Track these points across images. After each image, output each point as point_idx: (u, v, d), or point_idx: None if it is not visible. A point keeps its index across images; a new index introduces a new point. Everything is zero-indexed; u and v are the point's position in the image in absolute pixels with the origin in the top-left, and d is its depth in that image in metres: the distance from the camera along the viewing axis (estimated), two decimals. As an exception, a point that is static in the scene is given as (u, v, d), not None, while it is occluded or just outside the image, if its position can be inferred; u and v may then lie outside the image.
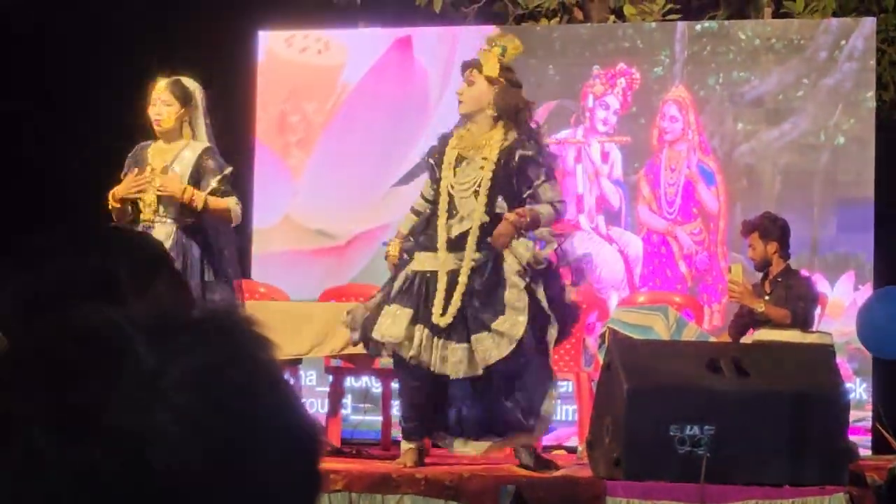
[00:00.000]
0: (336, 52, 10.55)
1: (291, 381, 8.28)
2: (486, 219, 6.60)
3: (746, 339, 7.70)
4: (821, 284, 8.79)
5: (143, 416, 0.88)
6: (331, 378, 8.29)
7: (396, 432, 8.18)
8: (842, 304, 9.19)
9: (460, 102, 6.78)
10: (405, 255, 6.82)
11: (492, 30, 9.75)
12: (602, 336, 7.67)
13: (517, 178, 6.67)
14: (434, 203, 6.80)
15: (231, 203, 6.75)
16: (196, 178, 6.67)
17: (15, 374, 0.91)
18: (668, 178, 9.89)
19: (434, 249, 6.65)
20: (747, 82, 9.91)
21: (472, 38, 10.12)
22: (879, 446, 8.11)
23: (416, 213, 7.00)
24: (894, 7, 10.64)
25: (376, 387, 9.02)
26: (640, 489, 5.82)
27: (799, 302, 7.66)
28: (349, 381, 9.15)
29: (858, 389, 9.01)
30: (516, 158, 6.65)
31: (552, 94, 10.10)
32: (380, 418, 8.38)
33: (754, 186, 9.87)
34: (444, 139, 6.89)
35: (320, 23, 10.74)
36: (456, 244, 6.60)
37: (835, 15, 10.22)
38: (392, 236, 7.22)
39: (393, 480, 6.12)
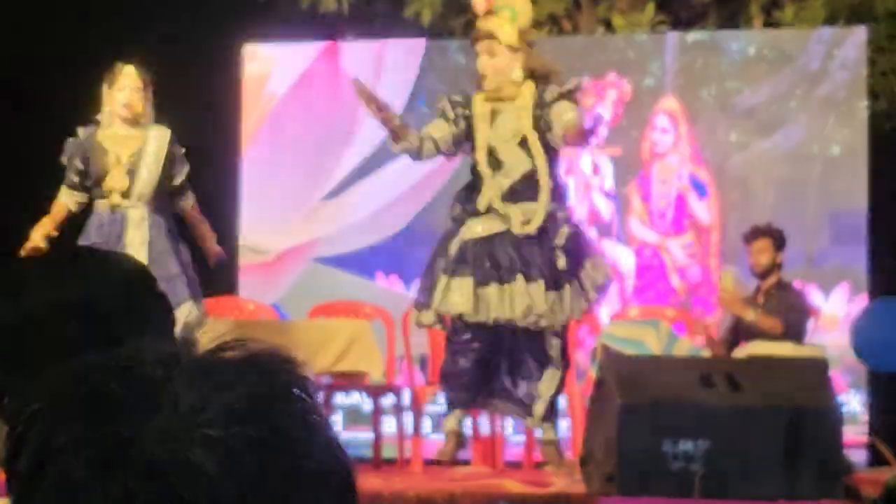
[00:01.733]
0: (262, 62, 10.58)
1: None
2: (534, 167, 6.64)
3: (740, 352, 7.73)
4: (815, 296, 8.82)
5: (179, 450, 0.89)
6: (321, 395, 8.28)
7: (390, 449, 8.20)
8: (836, 316, 9.21)
9: (484, 77, 6.69)
10: (452, 223, 6.85)
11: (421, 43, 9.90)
12: (594, 351, 7.68)
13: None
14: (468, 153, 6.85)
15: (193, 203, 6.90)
16: (169, 167, 6.75)
17: (53, 406, 0.93)
18: (659, 191, 9.91)
19: (484, 213, 6.69)
20: (739, 93, 9.94)
21: (399, 48, 10.22)
22: (875, 459, 8.12)
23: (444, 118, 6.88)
24: (885, 16, 10.67)
25: (367, 403, 9.02)
26: (633, 505, 5.84)
27: (791, 313, 7.71)
28: (339, 398, 9.16)
29: (853, 402, 9.03)
30: (546, 96, 6.68)
31: (543, 105, 10.12)
32: (370, 435, 8.37)
33: (747, 198, 9.90)
34: (467, 97, 6.83)
35: (307, 35, 10.76)
36: (509, 196, 6.63)
37: (825, 24, 10.26)
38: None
39: (385, 499, 6.12)
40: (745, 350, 7.75)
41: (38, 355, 1.68)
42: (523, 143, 6.68)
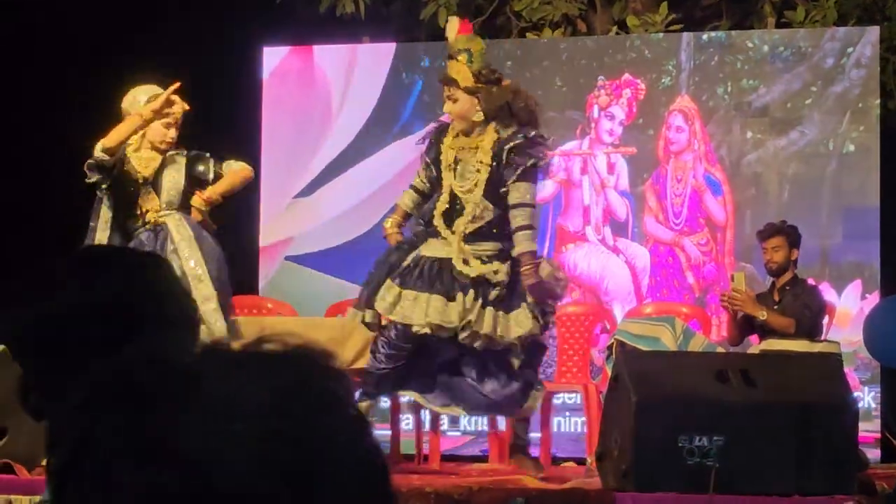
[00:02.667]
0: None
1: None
2: (490, 216, 6.76)
3: (754, 349, 7.74)
4: (828, 293, 8.82)
5: (212, 442, 0.91)
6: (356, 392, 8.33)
7: (409, 446, 8.23)
8: (849, 313, 9.21)
9: (452, 120, 6.85)
10: (413, 237, 7.02)
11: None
12: (609, 348, 7.69)
13: (505, 171, 6.80)
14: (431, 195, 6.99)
15: (234, 165, 7.04)
16: (192, 182, 6.94)
17: (92, 399, 0.95)
18: (674, 189, 9.91)
19: (444, 238, 6.83)
20: (755, 91, 9.94)
21: (372, 49, 10.25)
22: (888, 455, 8.13)
23: (416, 191, 7.14)
24: (896, 15, 10.67)
25: (384, 400, 9.04)
26: (649, 500, 5.84)
27: (805, 310, 7.71)
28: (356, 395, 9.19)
29: (867, 398, 9.04)
30: (505, 153, 6.76)
31: (559, 106, 10.14)
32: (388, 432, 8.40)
33: (762, 196, 9.90)
34: (441, 132, 6.99)
35: (326, 38, 10.79)
36: (468, 238, 6.77)
37: (836, 24, 10.26)
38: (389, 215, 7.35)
39: (402, 495, 6.14)
40: (760, 347, 7.76)
41: (69, 354, 1.71)
42: (481, 190, 6.80)
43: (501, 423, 8.41)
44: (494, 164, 6.75)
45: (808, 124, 9.86)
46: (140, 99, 6.87)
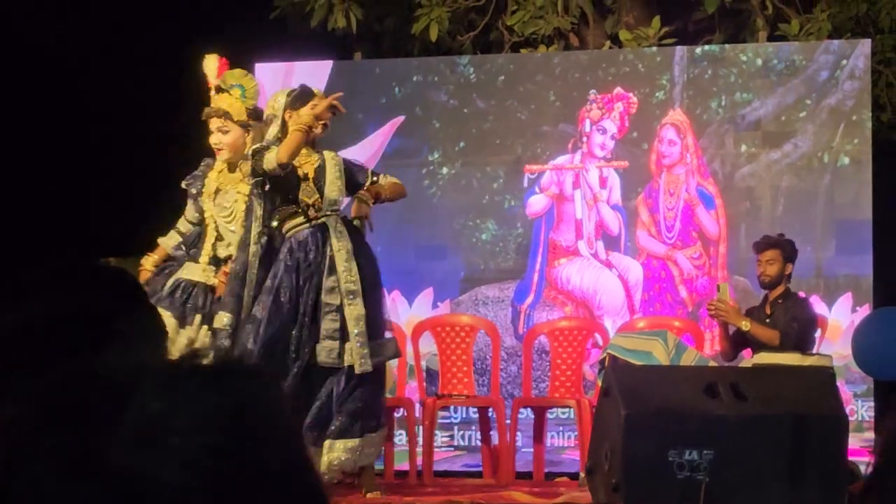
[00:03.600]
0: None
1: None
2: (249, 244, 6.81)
3: (746, 363, 7.75)
4: (819, 307, 8.82)
5: (146, 458, 0.90)
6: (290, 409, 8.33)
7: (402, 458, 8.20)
8: (840, 326, 9.21)
9: (219, 150, 6.87)
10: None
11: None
12: (601, 362, 7.69)
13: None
14: (199, 224, 7.11)
15: (391, 178, 7.28)
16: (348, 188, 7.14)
17: (20, 416, 0.94)
18: (667, 203, 9.91)
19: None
20: (748, 104, 9.95)
21: (309, 69, 10.24)
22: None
23: (179, 233, 7.24)
24: (890, 28, 10.70)
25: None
26: (639, 515, 5.85)
27: (793, 323, 7.72)
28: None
29: (860, 411, 9.04)
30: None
31: (552, 120, 10.16)
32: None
33: (755, 209, 9.90)
34: (207, 167, 7.06)
35: (319, 54, 10.81)
36: (218, 264, 6.92)
37: (830, 37, 10.28)
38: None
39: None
40: (753, 360, 7.77)
41: (34, 362, 1.71)
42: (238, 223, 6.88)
43: (495, 437, 8.43)
44: (254, 191, 6.85)
45: (801, 137, 9.86)
46: (281, 100, 6.84)
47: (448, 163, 10.16)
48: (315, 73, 10.48)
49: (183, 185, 7.03)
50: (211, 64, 6.84)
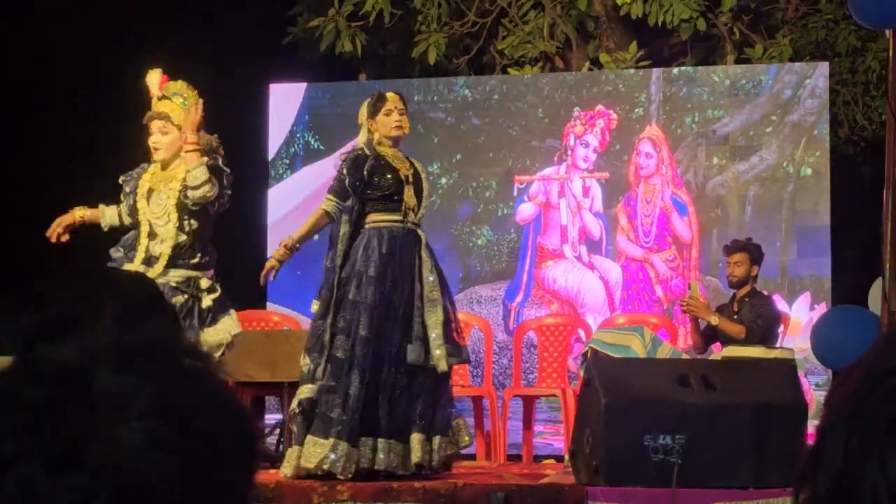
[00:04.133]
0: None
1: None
2: (181, 240, 6.56)
3: (716, 356, 7.73)
4: (781, 305, 8.82)
5: (118, 441, 0.89)
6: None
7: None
8: (800, 322, 9.22)
9: (156, 150, 6.61)
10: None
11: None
12: (584, 355, 7.68)
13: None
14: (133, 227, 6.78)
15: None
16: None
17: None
18: (644, 210, 9.92)
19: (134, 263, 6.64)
20: (719, 120, 9.96)
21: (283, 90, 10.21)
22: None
23: (119, 221, 6.83)
24: (846, 52, 10.70)
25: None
26: (618, 494, 5.83)
27: (757, 319, 7.72)
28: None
29: (818, 399, 9.03)
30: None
31: (540, 135, 10.17)
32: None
33: (725, 216, 9.91)
34: (143, 170, 6.79)
35: (327, 76, 10.82)
36: (151, 262, 6.57)
37: (791, 61, 10.29)
38: None
39: (394, 490, 6.13)
40: (721, 354, 7.76)
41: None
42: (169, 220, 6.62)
43: (488, 423, 8.41)
44: (185, 191, 6.61)
45: (767, 150, 9.87)
46: (363, 110, 6.75)
47: (446, 174, 10.17)
48: (290, 94, 10.52)
49: (119, 180, 6.79)
50: (154, 77, 6.82)
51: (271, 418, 9.44)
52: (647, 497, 5.77)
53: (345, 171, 6.67)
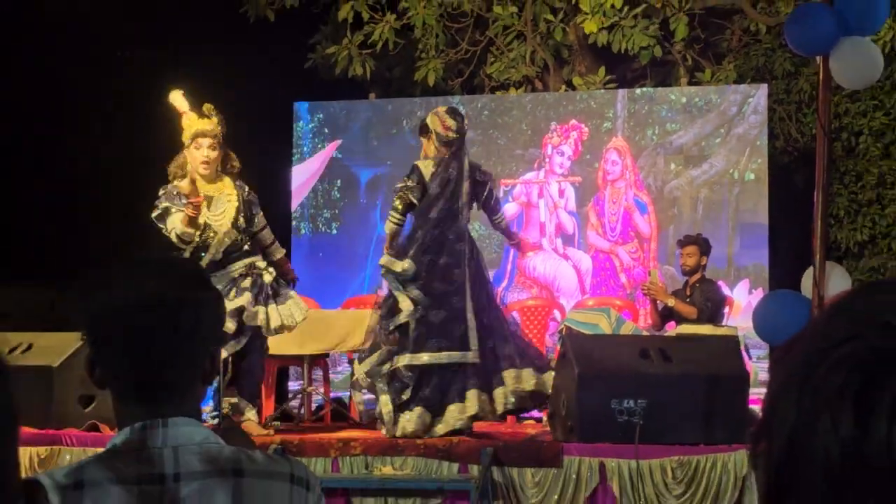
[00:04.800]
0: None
1: (319, 371, 8.28)
2: (236, 238, 6.49)
3: (671, 333, 7.76)
4: (726, 290, 8.84)
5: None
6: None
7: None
8: (740, 304, 9.25)
9: (207, 164, 6.42)
10: None
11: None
12: (560, 332, 7.69)
13: (248, 206, 6.61)
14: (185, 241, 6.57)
15: None
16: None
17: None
18: (610, 209, 9.94)
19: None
20: (676, 132, 9.97)
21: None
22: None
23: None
24: (782, 75, 10.73)
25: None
26: (589, 449, 5.85)
27: (707, 303, 7.75)
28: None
29: (757, 370, 9.05)
30: (246, 193, 6.60)
31: (524, 145, 10.17)
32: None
33: (679, 214, 9.93)
34: (173, 188, 6.49)
35: (341, 95, 10.81)
36: (225, 258, 6.53)
37: (735, 83, 10.31)
38: None
39: (399, 446, 6.14)
40: (676, 331, 7.78)
41: (118, 339, 1.71)
42: (234, 222, 6.54)
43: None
44: (241, 196, 6.56)
45: (716, 158, 9.88)
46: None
47: (444, 179, 10.16)
48: (312, 110, 10.49)
49: (163, 206, 6.43)
50: (178, 96, 6.61)
51: (293, 384, 9.47)
52: (613, 451, 5.79)
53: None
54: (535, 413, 8.83)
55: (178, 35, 10.60)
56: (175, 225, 6.37)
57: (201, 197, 6.34)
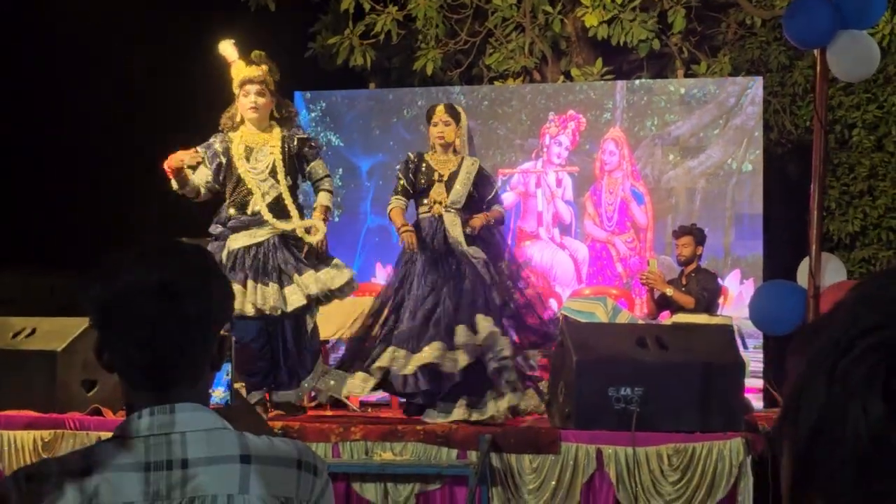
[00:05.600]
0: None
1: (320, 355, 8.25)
2: (281, 194, 6.40)
3: (667, 322, 7.74)
4: (724, 280, 8.83)
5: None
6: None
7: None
8: (732, 294, 9.23)
9: (255, 110, 6.29)
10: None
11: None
12: (557, 320, 7.65)
13: (297, 158, 6.52)
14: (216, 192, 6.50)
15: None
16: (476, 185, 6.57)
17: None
18: (607, 199, 9.91)
19: (247, 228, 6.42)
20: (675, 123, 9.94)
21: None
22: (768, 402, 8.14)
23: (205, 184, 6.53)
24: (777, 68, 10.71)
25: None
26: (586, 436, 5.83)
27: (703, 292, 7.73)
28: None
29: (752, 359, 9.04)
30: (294, 143, 6.48)
31: (523, 135, 10.14)
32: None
33: (677, 205, 9.90)
34: (224, 137, 6.44)
35: (341, 84, 10.78)
36: (258, 217, 6.41)
37: (730, 75, 10.29)
38: None
39: (398, 432, 6.12)
40: (671, 320, 7.76)
41: (126, 325, 1.69)
42: (273, 174, 6.41)
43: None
44: (285, 147, 6.41)
45: (713, 149, 9.86)
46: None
47: (445, 169, 10.13)
48: (312, 99, 10.44)
49: (200, 149, 6.34)
50: (228, 46, 6.48)
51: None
52: (610, 438, 5.77)
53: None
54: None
55: (178, 25, 10.55)
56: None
57: (195, 151, 6.29)
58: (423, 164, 6.60)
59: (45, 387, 6.36)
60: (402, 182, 6.61)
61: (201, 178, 6.46)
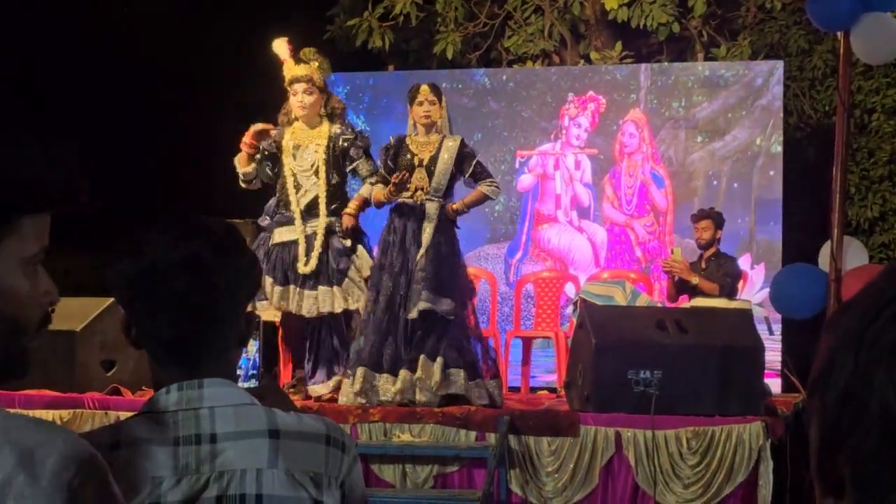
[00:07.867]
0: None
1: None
2: (325, 191, 6.45)
3: (686, 305, 7.72)
4: (744, 264, 8.79)
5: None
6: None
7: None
8: (754, 279, 9.20)
9: (303, 108, 6.39)
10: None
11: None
12: (575, 304, 7.65)
13: (342, 157, 6.55)
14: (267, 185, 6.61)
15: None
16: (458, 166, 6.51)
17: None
18: (626, 182, 9.87)
19: (291, 223, 6.49)
20: (700, 105, 9.88)
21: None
22: (787, 387, 8.11)
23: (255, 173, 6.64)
24: (796, 52, 10.64)
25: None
26: (605, 419, 5.83)
27: (726, 278, 7.69)
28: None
29: (771, 342, 9.01)
30: (340, 142, 6.52)
31: (547, 117, 10.10)
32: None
33: (700, 188, 9.85)
34: (277, 132, 6.54)
35: (359, 66, 10.74)
36: (306, 212, 6.48)
37: (750, 59, 10.23)
38: None
39: (417, 413, 6.11)
40: (690, 304, 7.73)
41: (154, 299, 1.68)
42: (317, 172, 6.47)
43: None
44: (331, 146, 6.45)
45: (738, 131, 9.79)
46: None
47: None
48: (334, 81, 10.39)
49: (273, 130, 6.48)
50: (281, 44, 6.58)
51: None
52: (629, 421, 5.77)
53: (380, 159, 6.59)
54: (536, 382, 8.79)
55: (194, 6, 10.54)
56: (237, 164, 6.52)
57: (252, 138, 6.40)
58: (403, 148, 6.51)
59: (64, 367, 6.37)
60: (380, 171, 6.50)
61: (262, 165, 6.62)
